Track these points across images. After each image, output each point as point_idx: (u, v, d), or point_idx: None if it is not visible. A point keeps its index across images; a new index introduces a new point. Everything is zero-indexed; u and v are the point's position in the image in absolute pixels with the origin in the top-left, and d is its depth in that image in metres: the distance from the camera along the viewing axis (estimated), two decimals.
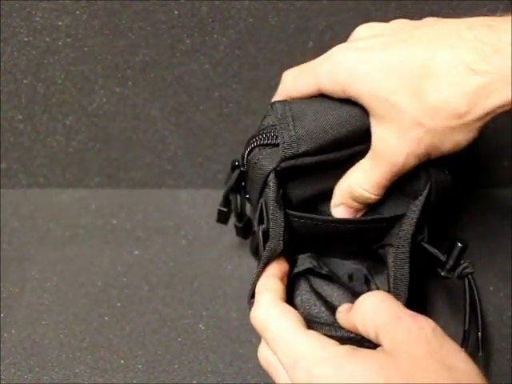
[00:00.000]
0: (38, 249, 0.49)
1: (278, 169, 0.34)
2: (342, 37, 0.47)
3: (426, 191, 0.34)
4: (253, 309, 0.32)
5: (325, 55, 0.34)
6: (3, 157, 0.53)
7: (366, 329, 0.29)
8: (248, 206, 0.42)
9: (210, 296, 0.46)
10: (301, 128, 0.34)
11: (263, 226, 0.35)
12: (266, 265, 0.34)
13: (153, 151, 0.53)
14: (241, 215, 0.42)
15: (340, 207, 0.36)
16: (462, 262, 0.35)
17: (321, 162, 0.34)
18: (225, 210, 0.41)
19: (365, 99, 0.32)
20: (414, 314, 0.28)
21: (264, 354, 0.31)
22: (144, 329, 0.44)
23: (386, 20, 0.36)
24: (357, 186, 0.34)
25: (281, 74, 0.41)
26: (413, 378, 0.25)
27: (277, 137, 0.34)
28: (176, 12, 0.46)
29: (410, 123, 0.30)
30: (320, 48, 0.42)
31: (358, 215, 0.36)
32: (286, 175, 0.35)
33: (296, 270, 0.38)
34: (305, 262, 0.38)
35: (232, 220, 0.43)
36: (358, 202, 0.35)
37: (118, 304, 0.45)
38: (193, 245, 0.49)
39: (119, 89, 0.50)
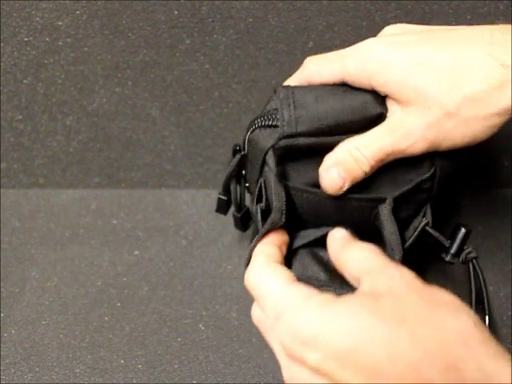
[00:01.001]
0: (37, 249, 0.49)
1: (277, 146, 0.35)
2: (342, 37, 0.48)
3: (428, 174, 0.35)
4: (246, 271, 0.32)
5: (354, 46, 0.35)
6: (3, 157, 0.53)
7: (350, 273, 0.30)
8: (247, 198, 0.42)
9: (209, 296, 0.46)
10: (301, 109, 0.35)
11: (261, 205, 0.35)
12: (264, 235, 0.34)
13: (153, 151, 0.53)
14: (240, 205, 0.42)
15: (330, 170, 0.35)
16: (466, 247, 0.35)
17: (319, 145, 0.35)
18: (224, 198, 0.41)
19: (391, 87, 0.33)
20: (399, 265, 0.29)
21: (255, 313, 0.31)
22: (144, 329, 0.44)
23: (387, 20, 0.36)
24: (357, 149, 0.34)
25: (281, 74, 0.41)
26: (397, 309, 0.25)
27: (278, 119, 0.35)
28: (176, 12, 0.46)
29: (436, 110, 0.32)
30: (320, 48, 0.43)
31: (344, 188, 0.36)
32: (285, 158, 0.35)
33: (300, 243, 0.38)
34: (306, 234, 0.38)
35: (231, 221, 0.44)
36: (349, 170, 0.35)
37: (118, 304, 0.45)
38: (193, 245, 0.49)
39: (119, 89, 0.50)
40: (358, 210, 0.36)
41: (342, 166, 0.35)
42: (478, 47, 0.32)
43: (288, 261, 0.36)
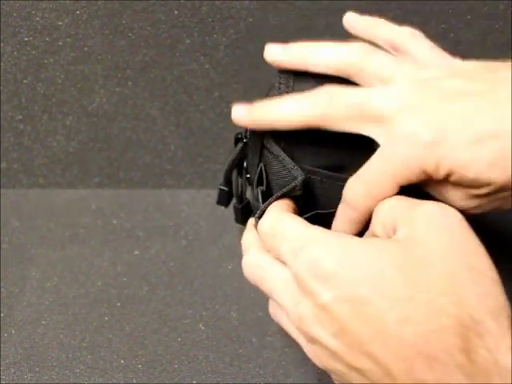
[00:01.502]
0: (37, 249, 0.49)
1: None
2: (342, 37, 0.47)
3: None
4: (262, 219, 0.30)
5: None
6: (3, 157, 0.53)
7: (384, 226, 0.27)
8: (249, 191, 0.42)
9: (209, 296, 0.46)
10: (298, 90, 0.34)
11: (262, 187, 0.35)
12: (281, 196, 0.32)
13: (153, 151, 0.53)
14: (241, 196, 0.42)
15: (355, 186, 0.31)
16: None
17: (317, 130, 0.34)
18: (225, 189, 0.41)
19: (457, 172, 0.27)
20: (439, 202, 0.25)
21: (252, 259, 0.30)
22: (144, 329, 0.44)
23: (387, 20, 0.36)
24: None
25: None
26: (428, 272, 0.23)
27: None
28: (176, 12, 0.47)
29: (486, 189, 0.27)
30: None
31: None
32: (285, 142, 0.35)
33: (303, 216, 0.37)
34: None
35: (231, 220, 0.43)
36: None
37: (118, 304, 0.45)
38: (193, 245, 0.49)
39: (119, 89, 0.50)
40: None
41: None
42: None
43: None
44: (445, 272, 0.23)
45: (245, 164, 0.40)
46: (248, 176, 0.40)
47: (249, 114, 0.33)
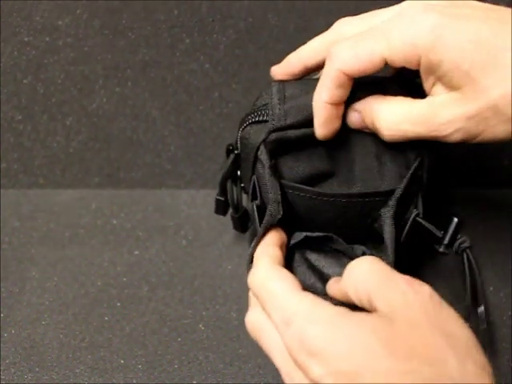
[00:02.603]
0: (37, 249, 0.49)
1: (267, 140, 0.35)
2: None
3: (416, 163, 0.35)
4: (251, 271, 0.32)
5: (393, 13, 0.31)
6: (3, 157, 0.53)
7: (359, 296, 0.28)
8: (245, 199, 0.42)
9: (210, 296, 0.46)
10: (290, 101, 0.35)
11: (257, 202, 0.35)
12: (266, 231, 0.34)
13: (153, 151, 0.53)
14: (237, 206, 0.42)
15: (354, 113, 0.34)
16: (459, 236, 0.35)
17: (308, 136, 0.35)
18: (222, 199, 0.41)
19: (444, 68, 0.30)
20: (409, 278, 0.28)
21: (254, 318, 0.31)
22: (144, 329, 0.44)
23: None
24: (378, 118, 0.32)
25: None
26: (409, 343, 0.25)
27: (267, 114, 0.35)
28: (176, 12, 0.47)
29: (484, 103, 0.29)
30: None
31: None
32: (276, 152, 0.36)
33: (292, 242, 0.38)
34: (300, 235, 0.38)
35: (231, 221, 0.44)
36: (371, 126, 0.33)
37: (118, 304, 0.45)
38: (193, 245, 0.49)
39: (119, 89, 0.50)
40: (350, 207, 0.36)
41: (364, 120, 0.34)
42: None
43: (285, 265, 0.36)
44: (424, 343, 0.25)
45: (239, 173, 0.40)
46: (242, 185, 0.40)
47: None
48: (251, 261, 0.34)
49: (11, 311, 0.45)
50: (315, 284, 0.37)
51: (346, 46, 0.31)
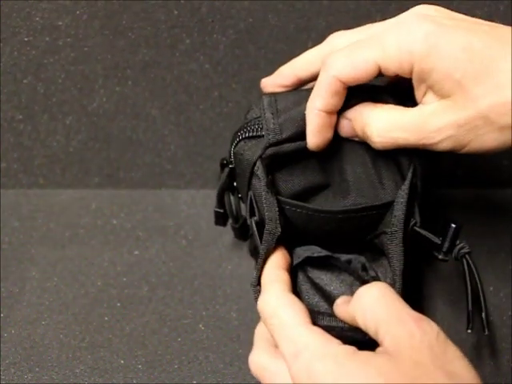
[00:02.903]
0: (37, 249, 0.49)
1: (264, 156, 0.35)
2: None
3: (409, 174, 0.35)
4: (263, 294, 0.32)
5: (390, 22, 0.32)
6: (3, 157, 0.53)
7: (366, 323, 0.29)
8: (243, 207, 0.42)
9: (210, 296, 0.46)
10: (283, 115, 0.35)
11: (255, 218, 0.35)
12: (268, 251, 0.34)
13: (153, 151, 0.53)
14: (236, 216, 0.42)
15: (345, 121, 0.34)
16: (458, 242, 0.34)
17: (301, 149, 0.35)
18: (220, 211, 0.41)
19: (435, 77, 0.30)
20: (418, 316, 0.28)
21: (259, 360, 0.31)
22: (144, 329, 0.44)
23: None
24: (369, 125, 0.33)
25: None
26: (414, 383, 0.25)
27: (261, 128, 0.35)
28: (176, 12, 0.47)
29: (474, 111, 0.30)
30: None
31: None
32: (272, 167, 0.35)
33: (295, 262, 0.38)
34: (302, 253, 0.38)
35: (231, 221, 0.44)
36: (361, 134, 0.34)
37: (118, 304, 0.45)
38: (193, 245, 0.49)
39: (119, 89, 0.50)
40: (347, 221, 0.36)
41: (355, 129, 0.34)
42: None
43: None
44: (428, 381, 0.25)
45: (235, 184, 0.40)
46: (240, 196, 0.40)
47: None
48: (258, 283, 0.34)
49: (11, 311, 0.45)
50: (319, 303, 0.37)
51: (342, 55, 0.32)
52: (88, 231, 0.51)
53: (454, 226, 0.34)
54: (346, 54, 0.32)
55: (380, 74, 0.32)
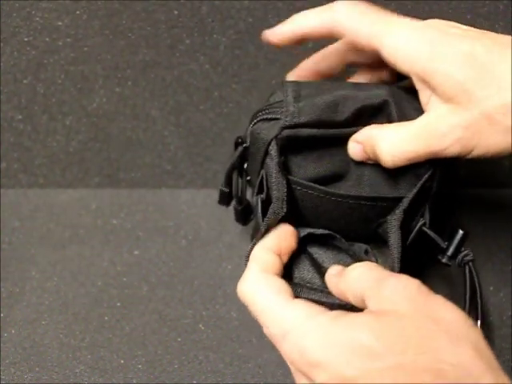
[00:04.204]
0: (38, 249, 0.49)
1: (279, 136, 0.35)
2: None
3: (427, 175, 0.35)
4: (239, 282, 0.33)
5: (386, 28, 0.34)
6: (3, 157, 0.53)
7: (354, 295, 0.30)
8: (248, 192, 0.42)
9: (209, 296, 0.46)
10: (305, 100, 0.35)
11: (262, 196, 0.35)
12: (267, 229, 0.34)
13: (153, 151, 0.53)
14: (241, 198, 0.42)
15: (356, 145, 0.35)
16: (463, 249, 0.35)
17: (321, 137, 0.35)
18: (226, 190, 0.41)
19: (438, 79, 0.31)
20: (398, 274, 0.29)
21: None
22: (144, 329, 0.44)
23: None
24: (378, 146, 0.34)
25: (281, 74, 0.41)
26: (402, 335, 0.25)
27: (281, 112, 0.35)
28: (176, 12, 0.47)
29: (478, 112, 0.31)
30: (320, 48, 0.43)
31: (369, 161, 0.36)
32: (287, 150, 0.36)
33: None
34: (304, 231, 0.38)
35: (231, 220, 0.44)
36: (372, 155, 0.35)
37: (118, 304, 0.45)
38: (193, 245, 0.49)
39: (119, 89, 0.50)
40: (356, 209, 0.36)
41: (365, 149, 0.35)
42: None
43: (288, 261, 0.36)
44: (417, 333, 0.25)
45: (245, 166, 0.40)
46: (248, 178, 0.40)
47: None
48: (247, 260, 0.34)
49: (11, 311, 0.45)
50: (313, 279, 0.37)
51: (349, 14, 0.35)
52: (88, 231, 0.51)
53: (461, 232, 0.35)
54: (356, 27, 0.35)
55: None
